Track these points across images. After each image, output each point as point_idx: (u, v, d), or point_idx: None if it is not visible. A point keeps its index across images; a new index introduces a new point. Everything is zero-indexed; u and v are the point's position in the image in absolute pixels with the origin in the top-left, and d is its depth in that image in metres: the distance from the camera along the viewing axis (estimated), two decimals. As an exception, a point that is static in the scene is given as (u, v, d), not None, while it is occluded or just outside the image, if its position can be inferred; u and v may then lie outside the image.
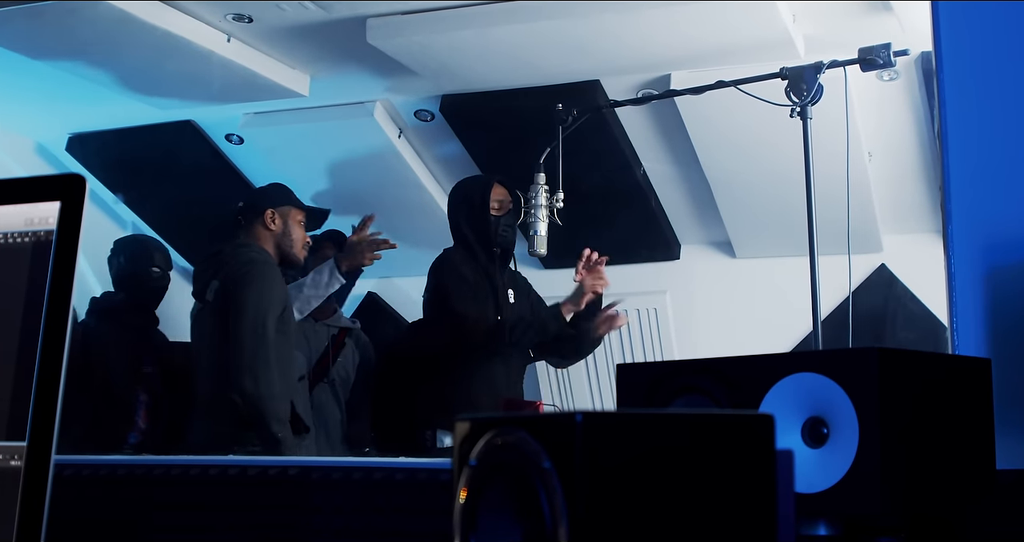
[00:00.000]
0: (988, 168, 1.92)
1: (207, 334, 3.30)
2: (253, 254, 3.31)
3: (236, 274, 3.25)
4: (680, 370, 1.57)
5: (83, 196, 1.22)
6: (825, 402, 1.41)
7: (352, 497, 2.14)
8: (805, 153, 3.02)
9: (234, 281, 3.24)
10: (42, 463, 1.16)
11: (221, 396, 3.17)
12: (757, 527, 1.01)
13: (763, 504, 1.02)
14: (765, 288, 3.78)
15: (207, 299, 3.28)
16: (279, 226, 3.39)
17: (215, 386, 3.22)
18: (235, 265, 3.27)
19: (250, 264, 3.27)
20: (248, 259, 3.29)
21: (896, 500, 1.38)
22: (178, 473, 2.29)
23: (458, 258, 3.45)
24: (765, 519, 1.02)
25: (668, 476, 0.98)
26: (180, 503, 2.27)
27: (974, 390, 1.53)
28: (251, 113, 4.09)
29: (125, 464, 2.39)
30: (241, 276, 3.24)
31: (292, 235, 3.41)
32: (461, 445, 1.07)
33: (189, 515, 2.25)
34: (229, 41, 3.72)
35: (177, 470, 2.30)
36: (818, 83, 3.05)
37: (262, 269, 3.27)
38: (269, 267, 3.30)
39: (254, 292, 3.22)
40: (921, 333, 3.43)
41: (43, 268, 1.21)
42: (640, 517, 0.96)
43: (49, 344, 1.18)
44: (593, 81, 3.66)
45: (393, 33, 3.57)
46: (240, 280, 3.23)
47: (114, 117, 4.14)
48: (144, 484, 2.31)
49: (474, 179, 3.66)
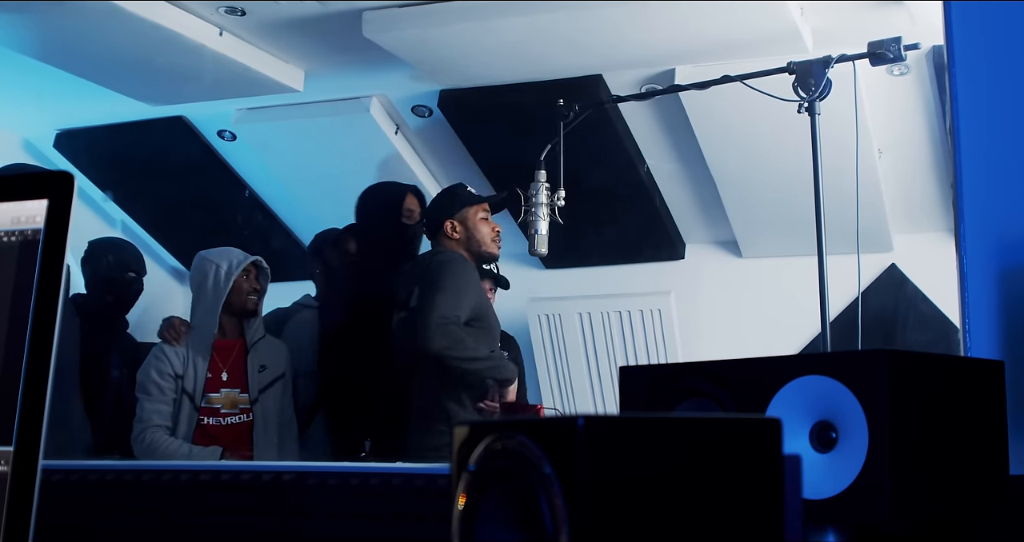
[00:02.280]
0: (1001, 165, 1.92)
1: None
2: (448, 255, 3.45)
3: (435, 269, 3.41)
4: (684, 373, 1.57)
5: (71, 194, 1.22)
6: (834, 406, 1.41)
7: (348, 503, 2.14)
8: (813, 150, 3.03)
9: (432, 274, 3.41)
10: (29, 468, 1.16)
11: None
12: (763, 535, 1.01)
13: (770, 511, 1.02)
14: (772, 289, 3.78)
15: (412, 306, 3.42)
16: (461, 232, 3.49)
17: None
18: (432, 266, 3.44)
19: (445, 264, 3.42)
20: (439, 261, 3.44)
21: (907, 507, 1.38)
22: (169, 478, 2.29)
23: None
24: (772, 527, 1.02)
25: (672, 482, 0.98)
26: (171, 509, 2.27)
27: (987, 393, 1.53)
28: (244, 109, 4.09)
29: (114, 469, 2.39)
30: (440, 268, 3.40)
31: (477, 235, 3.49)
32: (460, 450, 1.07)
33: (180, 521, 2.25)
34: (221, 35, 3.73)
35: (168, 475, 2.30)
36: (826, 78, 3.05)
37: (459, 264, 3.42)
38: (463, 263, 3.44)
39: (449, 278, 3.37)
40: (932, 335, 3.43)
41: (30, 268, 1.21)
42: (643, 524, 0.96)
43: (36, 347, 1.18)
44: (595, 76, 3.66)
45: (390, 26, 3.57)
46: (439, 273, 3.40)
47: (103, 113, 4.14)
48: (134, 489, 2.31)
49: (388, 186, 3.69)
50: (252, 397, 3.50)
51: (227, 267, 3.49)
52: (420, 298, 3.41)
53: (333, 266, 3.71)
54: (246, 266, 3.51)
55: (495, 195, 3.62)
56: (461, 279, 3.39)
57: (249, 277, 3.52)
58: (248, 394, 3.50)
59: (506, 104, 3.77)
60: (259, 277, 3.55)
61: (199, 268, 3.54)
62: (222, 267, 3.50)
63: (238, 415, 3.47)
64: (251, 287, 3.53)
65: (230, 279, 3.47)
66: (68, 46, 3.78)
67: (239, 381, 3.50)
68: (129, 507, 2.30)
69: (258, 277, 3.55)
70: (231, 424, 3.46)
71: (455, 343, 3.28)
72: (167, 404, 3.43)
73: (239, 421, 3.47)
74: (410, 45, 3.65)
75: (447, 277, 3.38)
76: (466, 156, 3.96)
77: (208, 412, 3.45)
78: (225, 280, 3.47)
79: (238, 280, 3.49)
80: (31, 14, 3.54)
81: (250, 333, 3.53)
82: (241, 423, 3.47)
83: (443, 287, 3.34)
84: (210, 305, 3.48)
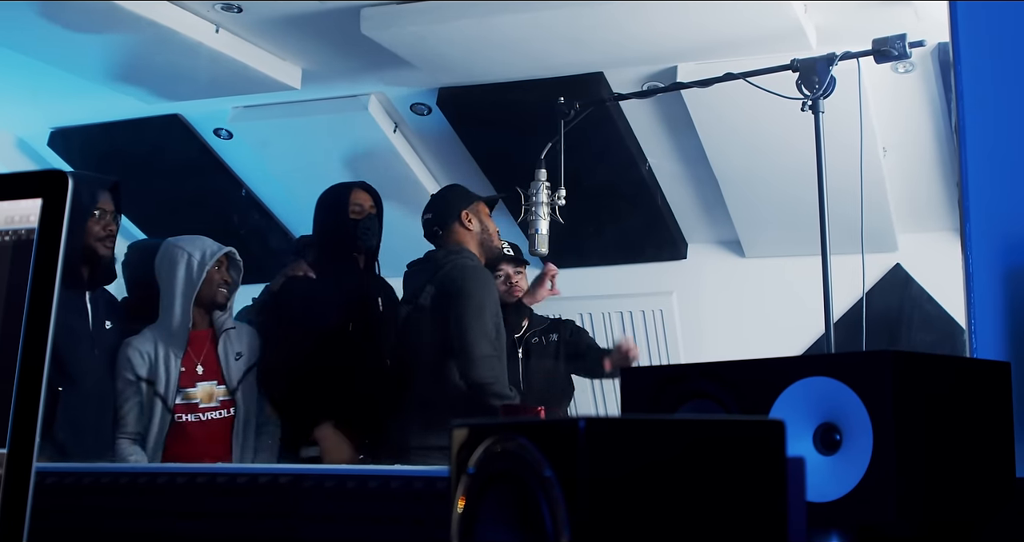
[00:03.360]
0: (1008, 163, 1.92)
1: (423, 334, 3.46)
2: (467, 260, 3.46)
3: (458, 278, 3.43)
4: (687, 374, 1.57)
5: (66, 193, 1.22)
6: (838, 407, 1.41)
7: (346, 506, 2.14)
8: (817, 148, 3.03)
9: (457, 284, 3.42)
10: (23, 471, 1.16)
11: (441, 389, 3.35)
12: (767, 539, 1.01)
13: (773, 514, 1.02)
14: (775, 289, 3.78)
15: (420, 303, 3.44)
16: (476, 224, 3.50)
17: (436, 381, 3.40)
18: (453, 269, 3.44)
19: (468, 270, 3.45)
20: (462, 265, 3.45)
21: (912, 509, 1.37)
22: (164, 481, 2.29)
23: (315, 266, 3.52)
24: (775, 530, 1.02)
25: (674, 485, 0.98)
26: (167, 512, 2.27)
27: (993, 395, 1.53)
28: (240, 107, 4.09)
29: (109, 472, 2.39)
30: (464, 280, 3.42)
31: (489, 229, 3.53)
32: (459, 452, 1.07)
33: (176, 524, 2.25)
34: (218, 32, 3.73)
35: (163, 478, 2.30)
36: (830, 75, 3.05)
37: (482, 274, 3.47)
38: (484, 272, 3.49)
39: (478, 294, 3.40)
40: (938, 335, 3.43)
41: (24, 268, 1.21)
42: (645, 528, 0.96)
43: (30, 348, 1.18)
44: (596, 73, 3.66)
45: (388, 23, 3.57)
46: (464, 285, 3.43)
47: (98, 111, 4.14)
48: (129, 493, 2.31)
49: (338, 184, 3.71)
50: (231, 387, 3.40)
51: (200, 257, 3.40)
52: (456, 321, 3.40)
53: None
54: (219, 257, 3.42)
55: (498, 194, 3.63)
56: (487, 297, 3.42)
57: (221, 269, 3.43)
58: (226, 385, 3.41)
59: (506, 102, 3.77)
60: (231, 269, 3.46)
61: (167, 256, 3.43)
62: (195, 256, 3.40)
63: (218, 410, 3.39)
64: (223, 279, 3.43)
65: (203, 270, 3.38)
66: (63, 43, 3.77)
67: (215, 372, 3.41)
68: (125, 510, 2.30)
69: (230, 269, 3.46)
70: (211, 420, 3.38)
71: (497, 378, 3.35)
72: (133, 410, 3.35)
73: (219, 417, 3.39)
74: (409, 42, 3.65)
75: (476, 293, 3.41)
76: (465, 154, 3.96)
77: (185, 409, 3.36)
78: (198, 270, 3.38)
79: (210, 271, 3.39)
80: (25, 11, 3.54)
81: (219, 321, 3.43)
82: (221, 418, 3.39)
83: (480, 306, 3.38)
84: (182, 296, 3.37)
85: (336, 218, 3.53)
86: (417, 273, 3.53)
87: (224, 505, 2.23)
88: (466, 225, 3.50)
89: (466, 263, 3.45)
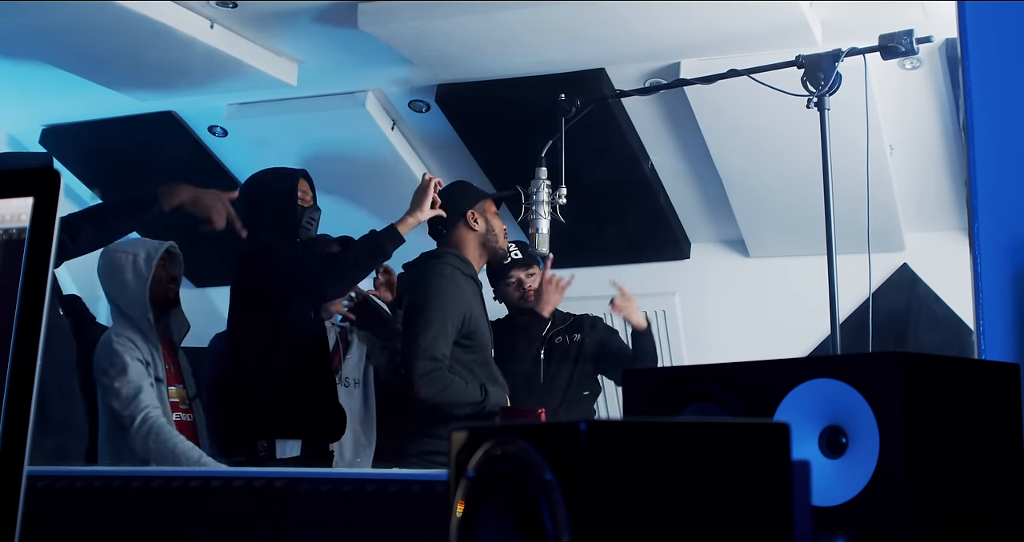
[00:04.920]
0: (1017, 162, 1.92)
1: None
2: (442, 267, 3.47)
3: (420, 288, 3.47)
4: (690, 376, 1.57)
5: (57, 191, 1.22)
6: (844, 410, 1.41)
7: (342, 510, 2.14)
8: (823, 146, 3.03)
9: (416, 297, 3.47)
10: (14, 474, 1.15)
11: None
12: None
13: (778, 518, 1.02)
14: (780, 289, 3.78)
15: (401, 309, 3.52)
16: (482, 224, 3.52)
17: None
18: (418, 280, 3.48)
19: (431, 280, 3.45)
20: (430, 275, 3.47)
21: (919, 513, 1.37)
22: (158, 485, 2.29)
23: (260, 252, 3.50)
24: (780, 534, 1.02)
25: (677, 489, 0.98)
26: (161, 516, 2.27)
27: (1002, 396, 1.53)
28: (235, 103, 4.09)
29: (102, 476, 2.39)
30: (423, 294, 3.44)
31: (496, 228, 3.54)
32: (458, 455, 1.07)
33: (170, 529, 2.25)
34: (212, 27, 3.72)
35: (157, 482, 2.30)
36: (836, 72, 3.05)
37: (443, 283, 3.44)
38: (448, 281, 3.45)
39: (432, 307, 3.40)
40: (946, 336, 3.43)
41: (15, 268, 1.20)
42: (647, 532, 0.96)
43: (21, 350, 1.18)
44: (598, 70, 3.67)
45: (386, 19, 3.57)
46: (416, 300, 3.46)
47: (90, 108, 4.14)
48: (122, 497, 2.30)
49: (277, 170, 3.70)
50: (190, 393, 3.42)
51: (145, 254, 3.39)
52: (405, 324, 3.44)
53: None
54: (162, 253, 3.41)
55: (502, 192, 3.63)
56: (448, 303, 3.39)
57: (166, 265, 3.43)
58: (187, 390, 3.43)
59: (506, 99, 3.77)
60: (173, 264, 3.46)
61: (110, 262, 3.42)
62: (139, 255, 3.39)
63: (188, 413, 3.40)
64: (169, 275, 3.44)
65: (151, 265, 3.37)
66: (54, 39, 3.78)
67: (178, 377, 3.43)
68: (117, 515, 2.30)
69: (172, 264, 3.46)
70: (183, 421, 3.38)
71: (443, 389, 3.33)
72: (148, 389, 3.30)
73: (184, 420, 3.38)
74: (407, 38, 3.65)
75: (432, 301, 3.40)
76: (464, 152, 3.96)
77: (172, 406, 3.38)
78: (146, 267, 3.37)
79: (157, 267, 3.38)
80: (16, 7, 3.54)
81: (176, 324, 3.45)
82: (185, 422, 3.39)
83: (429, 320, 3.37)
84: (137, 295, 3.36)
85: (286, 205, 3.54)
86: (405, 277, 3.56)
87: (219, 509, 2.23)
88: (471, 225, 3.50)
89: (435, 271, 3.45)
